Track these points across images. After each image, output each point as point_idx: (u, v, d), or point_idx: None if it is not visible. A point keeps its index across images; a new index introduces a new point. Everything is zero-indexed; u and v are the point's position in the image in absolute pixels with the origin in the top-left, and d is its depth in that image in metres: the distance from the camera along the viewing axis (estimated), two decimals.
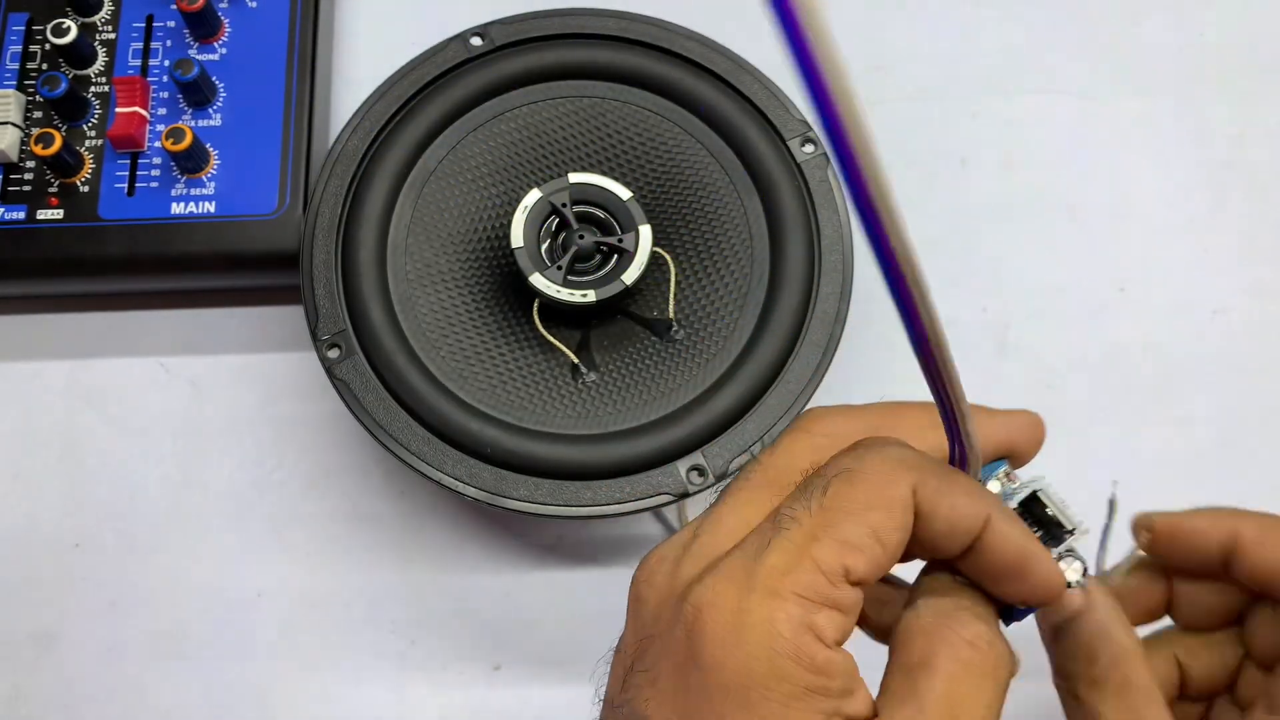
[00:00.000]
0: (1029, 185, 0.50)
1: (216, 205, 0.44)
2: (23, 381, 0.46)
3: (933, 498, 0.24)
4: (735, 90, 0.43)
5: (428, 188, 0.41)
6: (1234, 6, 0.53)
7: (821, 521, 0.23)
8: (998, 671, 0.24)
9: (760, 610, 0.23)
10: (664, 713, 0.23)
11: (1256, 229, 0.49)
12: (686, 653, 0.23)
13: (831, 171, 0.42)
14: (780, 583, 0.23)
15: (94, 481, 0.44)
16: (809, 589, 0.23)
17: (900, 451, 0.25)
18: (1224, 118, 0.51)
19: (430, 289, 0.40)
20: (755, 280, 0.40)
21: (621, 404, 0.39)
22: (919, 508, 0.24)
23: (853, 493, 0.24)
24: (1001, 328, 0.47)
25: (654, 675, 0.24)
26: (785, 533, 0.23)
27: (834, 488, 0.24)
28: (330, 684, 0.41)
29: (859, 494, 0.24)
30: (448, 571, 0.43)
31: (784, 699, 0.22)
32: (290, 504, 0.44)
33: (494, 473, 0.37)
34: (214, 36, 0.46)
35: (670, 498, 0.37)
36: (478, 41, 0.43)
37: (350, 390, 0.38)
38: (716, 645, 0.23)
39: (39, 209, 0.44)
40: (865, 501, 0.24)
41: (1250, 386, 0.46)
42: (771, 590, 0.23)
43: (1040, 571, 0.25)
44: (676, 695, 0.23)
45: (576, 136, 0.43)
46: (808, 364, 0.39)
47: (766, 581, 0.23)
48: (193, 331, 0.47)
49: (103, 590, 0.42)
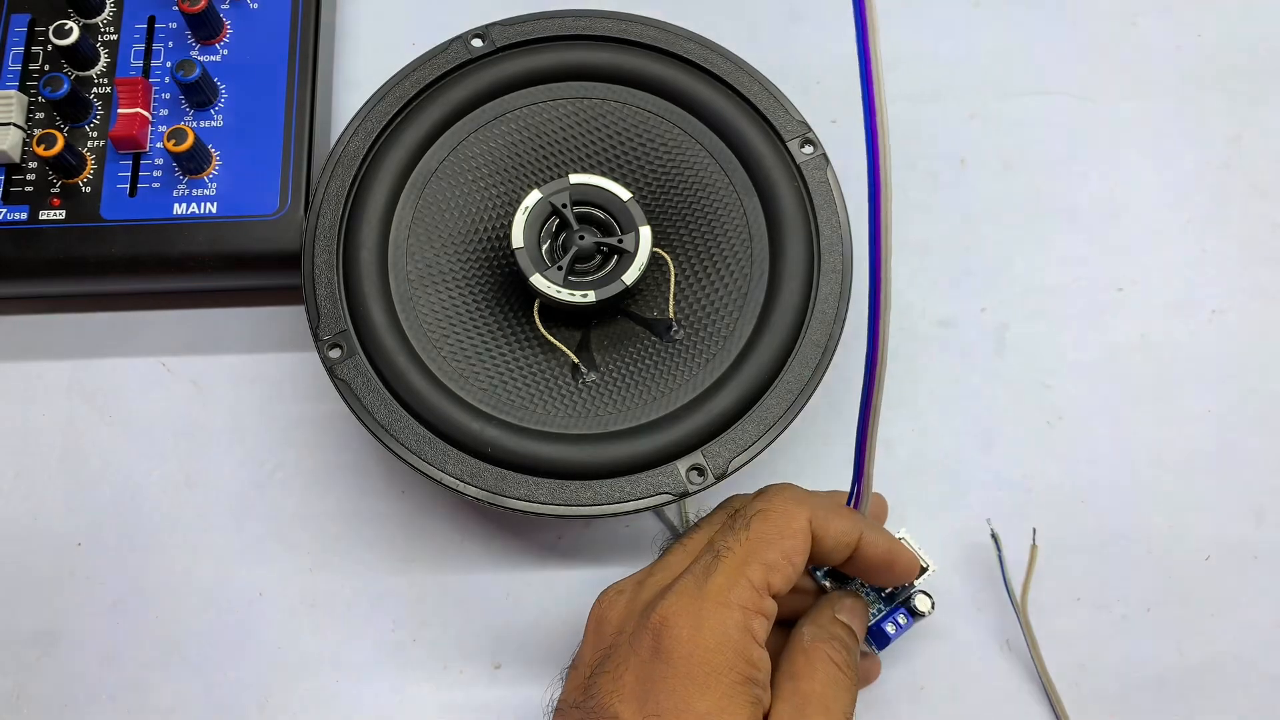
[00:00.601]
0: (1028, 186, 0.50)
1: (218, 206, 0.44)
2: (25, 381, 0.46)
3: (823, 524, 0.33)
4: (735, 91, 0.43)
5: (429, 188, 0.42)
6: (1232, 7, 0.53)
7: (748, 550, 0.31)
8: (853, 685, 0.33)
9: (714, 617, 0.30)
10: (629, 705, 0.30)
11: (1255, 229, 0.49)
12: (653, 652, 0.30)
13: (830, 172, 0.42)
14: (726, 596, 0.31)
15: (95, 481, 0.44)
16: (746, 601, 0.31)
17: (795, 491, 0.34)
18: (1222, 118, 0.51)
19: (431, 289, 0.41)
20: (755, 280, 0.41)
21: (621, 404, 0.39)
22: (814, 532, 0.33)
23: (767, 527, 0.32)
24: (1000, 327, 0.47)
25: (617, 675, 0.30)
26: (723, 560, 0.31)
27: (754, 524, 0.32)
28: (331, 683, 0.41)
29: (772, 528, 0.32)
30: (448, 571, 0.43)
31: (730, 685, 0.30)
32: (291, 503, 0.44)
33: (494, 472, 0.37)
34: (216, 38, 0.47)
35: (670, 497, 0.37)
36: (478, 43, 0.43)
37: (351, 390, 0.38)
38: (681, 643, 0.30)
39: (41, 209, 0.44)
40: (778, 532, 0.32)
41: (1249, 386, 0.46)
42: (720, 602, 0.30)
43: (903, 561, 0.36)
44: (640, 687, 0.30)
45: (577, 137, 0.43)
46: (807, 364, 0.39)
47: (715, 596, 0.30)
48: (194, 331, 0.47)
49: (104, 589, 0.43)
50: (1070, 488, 0.45)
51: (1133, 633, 0.42)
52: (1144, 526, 0.44)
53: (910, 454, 0.45)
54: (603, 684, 0.31)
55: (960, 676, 0.42)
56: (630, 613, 0.32)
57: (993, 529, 0.42)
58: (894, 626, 0.39)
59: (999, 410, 0.46)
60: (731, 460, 0.38)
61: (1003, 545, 0.42)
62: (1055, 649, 0.41)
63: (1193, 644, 0.42)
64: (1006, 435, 0.45)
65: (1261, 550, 0.44)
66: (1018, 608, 0.41)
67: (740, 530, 0.32)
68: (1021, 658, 0.42)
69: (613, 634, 0.32)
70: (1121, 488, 0.45)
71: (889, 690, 0.41)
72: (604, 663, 0.31)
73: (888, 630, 0.39)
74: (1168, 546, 0.44)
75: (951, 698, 0.41)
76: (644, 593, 0.33)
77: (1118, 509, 0.44)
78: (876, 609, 0.39)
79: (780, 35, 0.53)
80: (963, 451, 0.45)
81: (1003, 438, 0.45)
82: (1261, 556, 0.43)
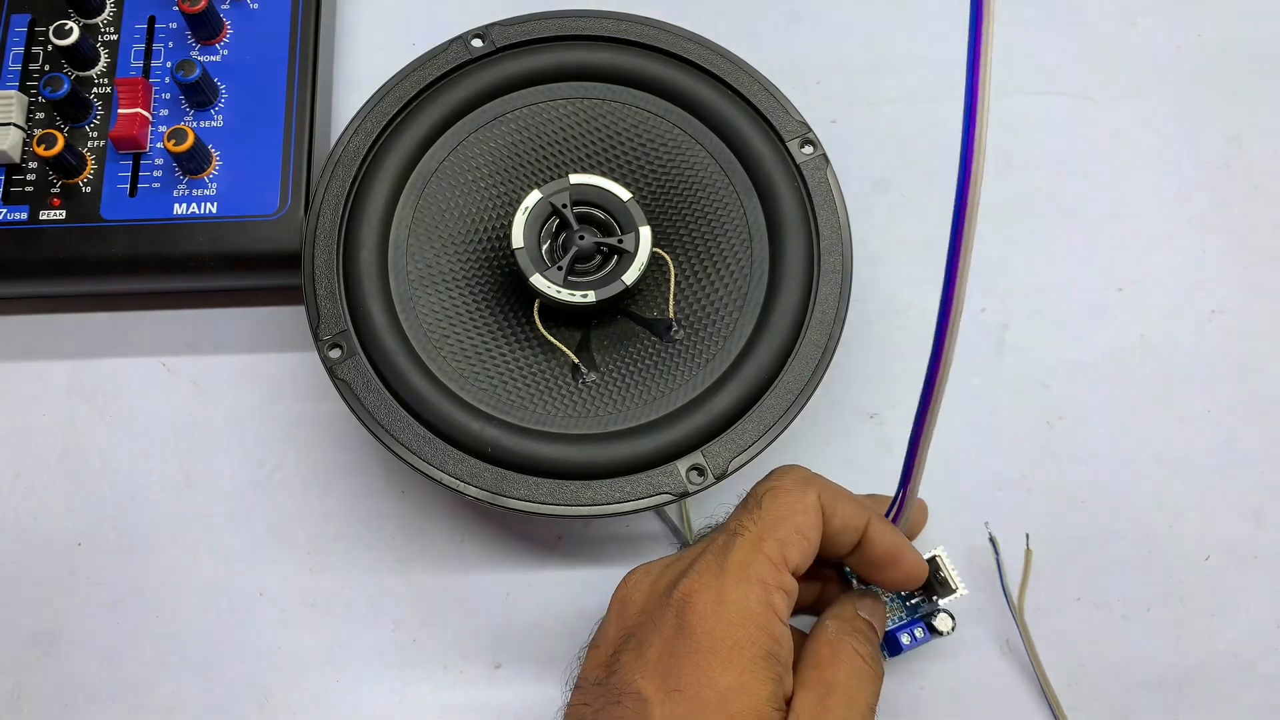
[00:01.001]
0: (1028, 186, 0.50)
1: (218, 206, 0.44)
2: (25, 381, 0.46)
3: (831, 504, 0.33)
4: (735, 91, 0.43)
5: (429, 189, 0.42)
6: (1231, 7, 0.53)
7: (763, 527, 0.32)
8: (877, 679, 0.33)
9: (735, 591, 0.30)
10: (652, 681, 0.30)
11: (1254, 229, 0.49)
12: (676, 628, 0.30)
13: (830, 172, 0.42)
14: (745, 572, 0.31)
15: (96, 481, 0.44)
16: (766, 575, 0.31)
17: (804, 472, 0.34)
18: (1222, 118, 0.51)
19: (431, 289, 0.41)
20: (755, 281, 0.41)
21: (621, 404, 0.39)
22: (823, 510, 0.33)
23: (779, 504, 0.32)
24: (1000, 327, 0.47)
25: (641, 652, 0.31)
26: (740, 538, 0.32)
27: (766, 502, 0.33)
28: (331, 683, 0.41)
29: (783, 504, 0.32)
30: (448, 571, 0.43)
31: (752, 659, 0.30)
32: (291, 503, 0.44)
33: (494, 472, 0.37)
34: (216, 38, 0.47)
35: (670, 497, 0.37)
36: (478, 43, 0.43)
37: (351, 390, 0.38)
38: (704, 618, 0.30)
39: (41, 209, 0.44)
40: (790, 508, 0.32)
41: (1248, 387, 0.46)
42: (741, 577, 0.31)
43: (909, 560, 0.35)
44: (663, 663, 0.30)
45: (577, 138, 0.43)
46: (807, 364, 0.39)
47: (736, 571, 0.31)
48: (194, 331, 0.47)
49: (104, 589, 0.43)
50: (1070, 487, 0.45)
51: (1132, 633, 0.42)
52: (1144, 526, 0.44)
53: None
54: (625, 661, 0.31)
55: (960, 677, 0.42)
56: (654, 593, 0.32)
57: (990, 533, 0.42)
58: (909, 638, 0.38)
59: (998, 410, 0.46)
60: (731, 460, 0.38)
61: (1000, 548, 0.42)
62: (1055, 649, 0.41)
63: (1192, 644, 0.42)
64: (1006, 435, 0.45)
65: (1261, 550, 0.44)
66: (1014, 610, 0.41)
67: (753, 509, 0.33)
68: (1021, 659, 0.42)
69: (636, 614, 0.32)
70: (1121, 488, 0.45)
71: (889, 690, 0.41)
72: (627, 641, 0.32)
73: (902, 640, 0.38)
74: (1167, 546, 0.44)
75: (951, 698, 0.41)
76: (668, 574, 0.33)
77: (1117, 509, 0.44)
78: (897, 617, 0.38)
79: (780, 35, 0.53)
80: (962, 451, 0.45)
81: (1002, 437, 0.45)
82: (1261, 556, 0.43)
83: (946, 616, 0.38)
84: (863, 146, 0.48)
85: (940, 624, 0.38)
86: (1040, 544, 0.42)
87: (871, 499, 0.37)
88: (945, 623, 0.38)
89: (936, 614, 0.38)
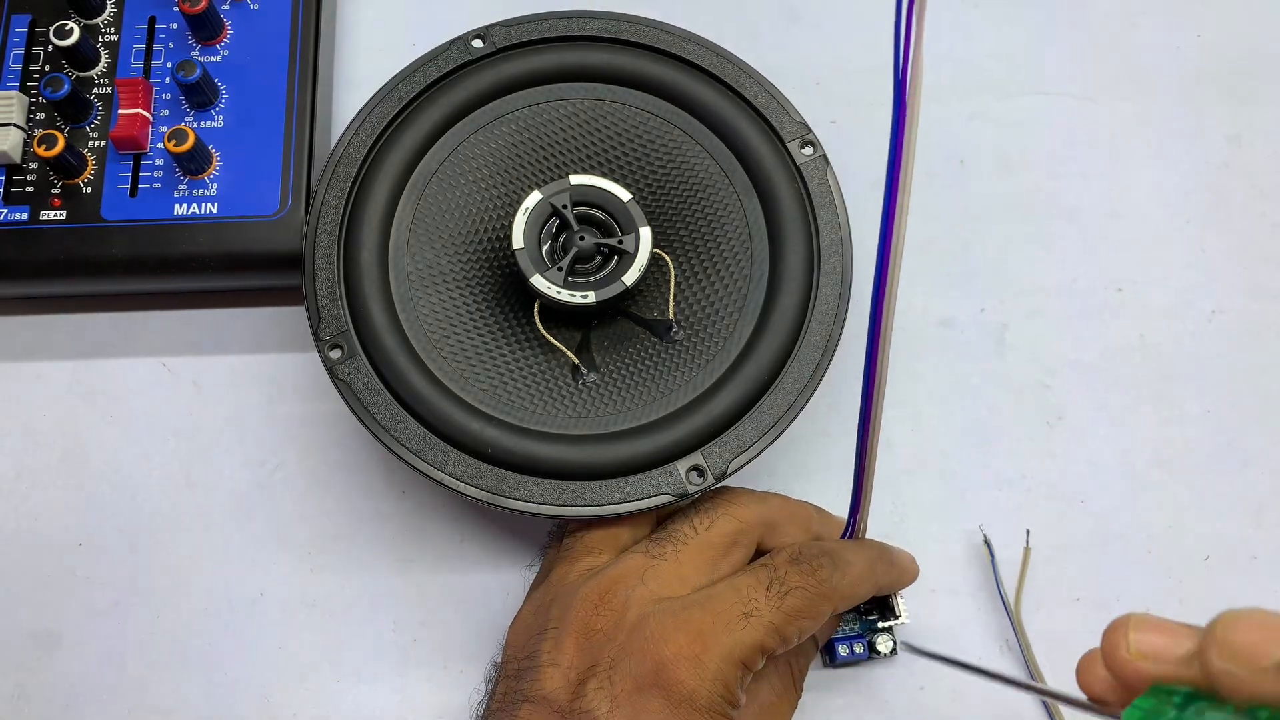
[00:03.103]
0: (1027, 186, 0.50)
1: (219, 206, 0.44)
2: (25, 382, 0.46)
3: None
4: (735, 92, 0.43)
5: (429, 189, 0.42)
6: (1231, 7, 0.53)
7: (778, 619, 0.33)
8: (796, 699, 0.37)
9: (721, 667, 0.32)
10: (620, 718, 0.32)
11: (1254, 229, 0.49)
12: (653, 683, 0.32)
13: (830, 173, 0.42)
14: (738, 656, 0.32)
15: (96, 481, 0.44)
16: (751, 661, 0.33)
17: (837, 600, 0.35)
18: (1221, 118, 0.51)
19: (431, 290, 0.41)
20: (755, 281, 0.41)
21: (621, 404, 0.39)
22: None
23: (801, 607, 0.34)
24: (999, 328, 0.47)
25: (614, 692, 0.32)
26: (751, 620, 0.33)
27: (791, 599, 0.33)
28: (331, 683, 0.41)
29: (805, 609, 0.34)
30: (448, 571, 0.43)
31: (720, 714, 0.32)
32: (292, 504, 0.44)
33: (494, 473, 0.37)
34: (216, 38, 0.47)
35: (670, 498, 0.37)
36: (479, 44, 0.43)
37: (352, 391, 0.38)
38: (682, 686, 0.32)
39: (42, 210, 0.44)
40: (808, 614, 0.34)
41: (1248, 387, 0.46)
42: (732, 662, 0.32)
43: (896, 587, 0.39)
44: (633, 702, 0.32)
45: (577, 139, 0.43)
46: (807, 365, 0.39)
47: (731, 652, 0.32)
48: (195, 332, 0.47)
49: (105, 590, 0.43)
50: (1069, 487, 0.45)
51: None
52: (1143, 526, 0.44)
53: (910, 454, 0.45)
54: (599, 698, 0.32)
55: (960, 677, 0.42)
56: (621, 624, 0.33)
57: (985, 535, 0.42)
58: (847, 649, 0.40)
59: (998, 410, 0.46)
60: (731, 461, 0.38)
61: (995, 550, 0.42)
62: (1055, 649, 0.41)
63: None
64: (1005, 435, 0.45)
65: (1261, 550, 0.44)
66: (1011, 610, 0.41)
67: (777, 592, 0.34)
68: (1021, 659, 0.42)
69: (604, 643, 0.33)
70: (1120, 488, 0.45)
71: (888, 690, 0.41)
72: (598, 675, 0.33)
73: (840, 650, 0.40)
74: (1167, 546, 0.44)
75: (951, 698, 0.41)
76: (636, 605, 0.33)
77: (1117, 509, 0.44)
78: (849, 627, 0.40)
79: (780, 35, 0.53)
80: (962, 451, 0.45)
81: (1002, 437, 0.45)
82: (1261, 556, 0.43)
83: (889, 639, 0.40)
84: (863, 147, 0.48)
85: (881, 645, 0.40)
86: (1040, 544, 0.42)
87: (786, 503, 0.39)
88: (886, 644, 0.40)
89: (879, 635, 0.40)
